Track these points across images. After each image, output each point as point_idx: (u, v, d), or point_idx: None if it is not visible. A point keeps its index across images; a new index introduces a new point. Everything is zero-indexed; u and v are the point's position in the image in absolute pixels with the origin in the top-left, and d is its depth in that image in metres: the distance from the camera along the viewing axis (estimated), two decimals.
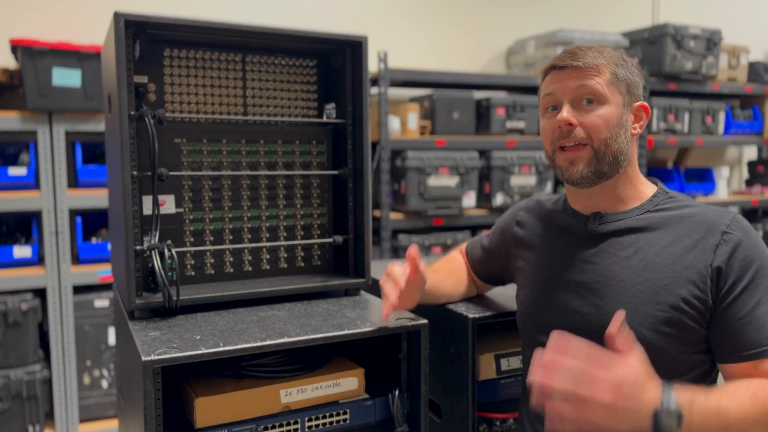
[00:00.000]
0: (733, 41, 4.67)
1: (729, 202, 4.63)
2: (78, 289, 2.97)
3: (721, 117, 4.48)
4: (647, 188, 1.23)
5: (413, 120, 3.70)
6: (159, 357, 1.03)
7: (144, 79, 1.35)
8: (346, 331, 1.17)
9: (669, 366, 1.09)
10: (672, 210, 1.17)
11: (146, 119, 1.27)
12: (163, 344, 1.10)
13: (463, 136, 3.77)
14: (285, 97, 1.48)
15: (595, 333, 1.11)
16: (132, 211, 1.26)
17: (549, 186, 3.91)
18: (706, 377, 1.14)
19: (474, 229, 3.84)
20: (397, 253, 3.65)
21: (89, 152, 3.11)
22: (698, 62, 4.25)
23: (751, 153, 5.36)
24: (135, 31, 1.27)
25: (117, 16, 1.21)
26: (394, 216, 3.64)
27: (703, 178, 4.71)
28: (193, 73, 1.40)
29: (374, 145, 3.59)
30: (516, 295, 1.33)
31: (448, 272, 1.45)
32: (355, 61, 1.43)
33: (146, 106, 1.32)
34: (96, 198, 2.94)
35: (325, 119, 1.49)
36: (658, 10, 4.81)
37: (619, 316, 0.95)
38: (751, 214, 4.98)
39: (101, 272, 2.97)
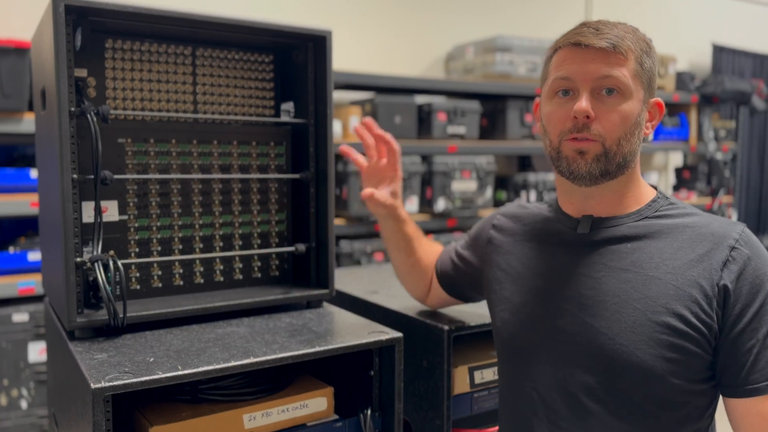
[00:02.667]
0: (662, 51, 4.85)
1: None
2: None
3: None
4: (647, 191, 1.09)
5: (355, 123, 3.62)
6: (110, 384, 0.91)
7: (83, 72, 1.22)
8: (317, 348, 1.08)
9: (669, 398, 0.96)
10: (673, 218, 1.04)
11: (88, 116, 1.13)
12: (112, 368, 0.97)
13: (405, 141, 3.73)
14: (239, 95, 1.37)
15: (583, 356, 1.00)
16: (72, 219, 1.13)
17: (489, 192, 3.92)
18: (703, 412, 1.00)
19: None
20: (339, 260, 3.56)
21: (5, 155, 2.88)
22: None
23: (676, 159, 5.58)
24: (76, 18, 1.13)
25: (56, 1, 1.07)
26: (336, 222, 3.55)
27: None
28: (137, 67, 1.27)
29: None
30: (491, 308, 1.19)
31: (425, 251, 1.36)
32: (318, 57, 1.34)
33: (87, 101, 1.18)
34: (13, 204, 2.70)
35: (282, 119, 1.39)
36: (591, 18, 4.94)
37: None
38: None
39: (21, 284, 2.73)
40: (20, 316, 2.76)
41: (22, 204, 2.69)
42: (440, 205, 3.77)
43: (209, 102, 1.34)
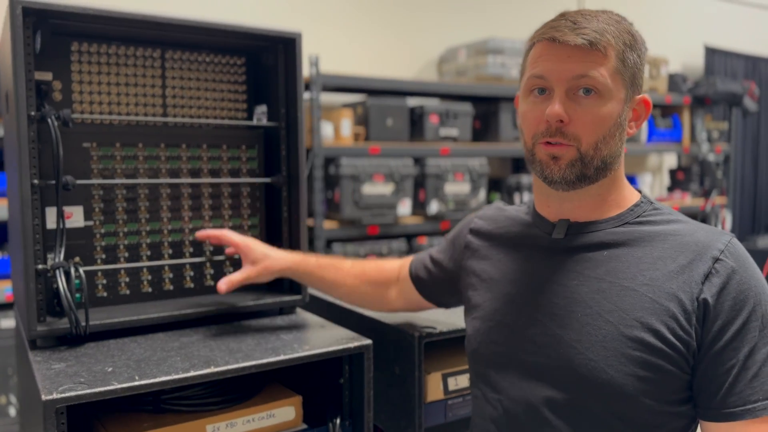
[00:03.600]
0: (654, 53, 4.82)
1: None
2: None
3: (644, 126, 4.61)
4: (630, 195, 1.01)
5: (347, 126, 3.60)
6: (62, 395, 0.89)
7: (48, 75, 1.20)
8: (282, 357, 1.06)
9: (641, 419, 0.89)
10: (656, 224, 0.96)
11: (49, 120, 1.11)
12: (68, 379, 0.95)
13: (397, 143, 3.71)
14: (210, 98, 1.35)
15: (551, 369, 0.94)
16: (33, 225, 1.10)
17: (482, 194, 3.90)
18: None
19: (409, 237, 3.78)
20: None
21: None
22: None
23: (670, 161, 5.55)
24: (35, 20, 1.11)
25: (13, 3, 1.05)
26: (328, 225, 3.53)
27: None
28: (105, 70, 1.25)
29: (307, 151, 3.48)
30: (465, 315, 1.13)
31: (354, 274, 1.27)
32: (288, 59, 1.32)
33: (50, 105, 1.16)
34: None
35: (255, 122, 1.37)
36: None
37: None
38: None
39: (8, 290, 2.71)
40: (7, 321, 2.74)
41: (5, 209, 2.67)
42: (433, 207, 3.75)
43: (179, 105, 1.32)
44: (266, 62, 1.35)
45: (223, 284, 1.20)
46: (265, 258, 1.24)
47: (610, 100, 0.93)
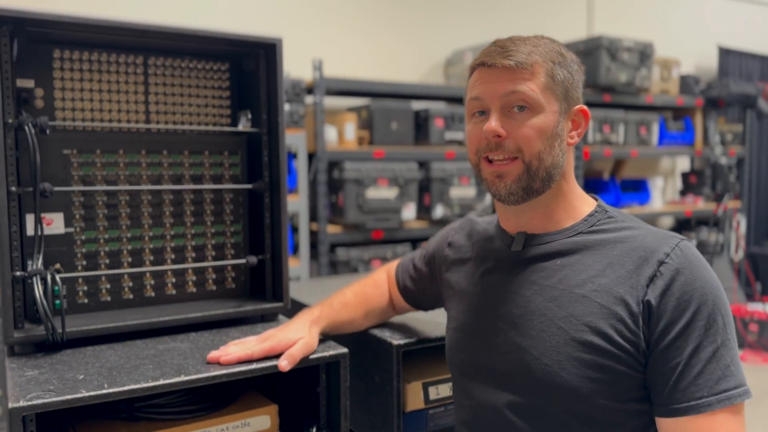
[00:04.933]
0: (665, 54, 4.77)
1: (664, 213, 4.70)
2: None
3: (655, 128, 4.55)
4: (584, 205, 1.06)
5: (351, 130, 3.60)
6: (29, 403, 0.89)
7: (30, 83, 1.20)
8: (254, 366, 1.05)
9: (599, 418, 0.93)
10: (608, 232, 1.01)
11: (26, 128, 1.12)
12: (38, 386, 0.95)
13: (401, 147, 3.70)
14: (194, 104, 1.35)
15: (512, 375, 1.00)
16: (10, 232, 1.11)
17: (488, 198, 3.87)
18: (645, 430, 0.95)
19: (414, 242, 3.77)
20: (336, 267, 3.53)
21: None
22: (632, 74, 4.30)
23: (683, 164, 5.48)
24: (12, 28, 1.12)
25: None
26: (332, 229, 3.53)
27: (638, 189, 4.77)
28: (87, 77, 1.25)
29: (311, 156, 3.48)
30: (446, 327, 1.17)
31: (360, 303, 1.27)
32: (269, 65, 1.31)
33: (29, 113, 1.17)
34: None
35: (240, 128, 1.36)
36: (593, 23, 4.88)
37: None
38: (685, 223, 5.08)
39: None
40: None
41: None
42: (438, 211, 3.73)
43: (162, 111, 1.32)
44: (247, 67, 1.34)
45: (287, 362, 1.06)
46: (302, 335, 1.12)
47: (542, 113, 0.99)
